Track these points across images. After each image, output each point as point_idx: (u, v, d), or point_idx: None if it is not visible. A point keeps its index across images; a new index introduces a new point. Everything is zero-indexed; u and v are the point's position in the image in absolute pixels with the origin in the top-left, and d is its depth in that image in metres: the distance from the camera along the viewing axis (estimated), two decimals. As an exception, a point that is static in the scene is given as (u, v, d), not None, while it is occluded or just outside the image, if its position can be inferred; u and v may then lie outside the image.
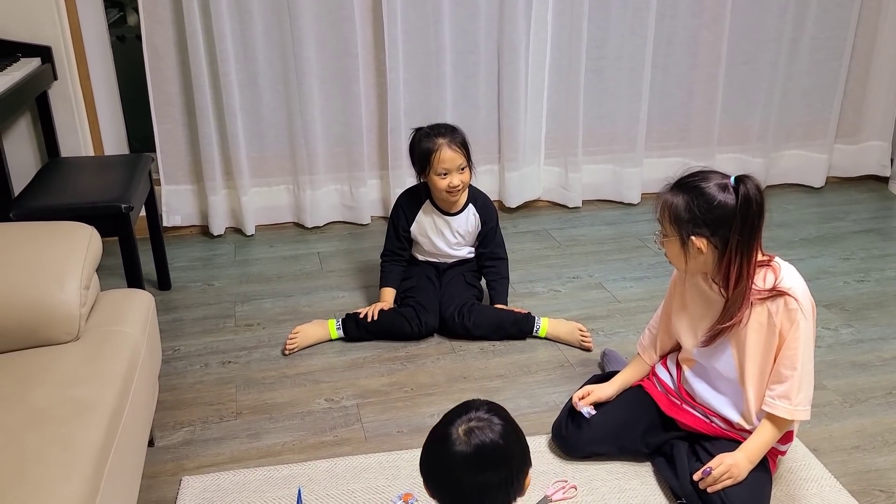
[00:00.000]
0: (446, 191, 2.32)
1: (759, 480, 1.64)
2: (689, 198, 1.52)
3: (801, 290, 1.58)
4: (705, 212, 1.50)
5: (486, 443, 1.23)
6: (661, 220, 1.59)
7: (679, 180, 1.58)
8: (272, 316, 2.55)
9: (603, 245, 3.04)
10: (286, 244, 3.09)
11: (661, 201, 1.57)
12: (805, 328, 1.56)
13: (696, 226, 1.52)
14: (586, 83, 3.19)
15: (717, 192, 1.51)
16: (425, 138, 2.31)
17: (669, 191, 1.57)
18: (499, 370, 2.24)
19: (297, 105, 3.00)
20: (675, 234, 1.56)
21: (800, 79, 3.37)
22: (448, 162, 2.29)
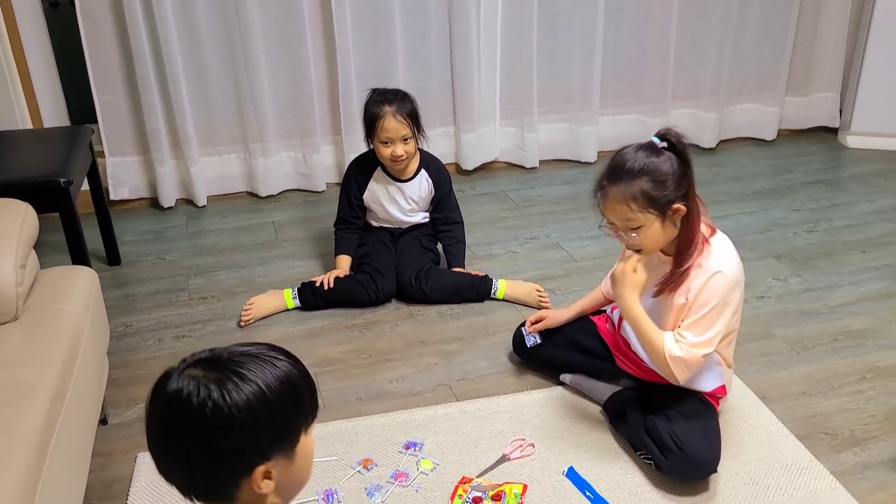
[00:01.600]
0: (389, 159, 2.29)
1: (707, 421, 1.69)
2: (646, 177, 1.51)
3: (720, 264, 1.58)
4: (666, 177, 1.52)
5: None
6: (630, 213, 1.53)
7: (619, 172, 1.53)
8: (227, 288, 2.51)
9: (560, 205, 3.04)
10: (240, 214, 3.04)
11: (624, 197, 1.52)
12: (717, 307, 1.57)
13: (669, 194, 1.52)
14: (539, 42, 3.16)
15: (656, 158, 1.52)
16: (373, 103, 2.28)
17: (620, 185, 1.52)
18: (457, 333, 2.24)
19: (244, 71, 2.92)
20: (654, 216, 1.54)
21: (750, 32, 3.38)
22: (391, 131, 2.25)
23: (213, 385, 0.89)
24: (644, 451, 1.71)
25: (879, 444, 1.77)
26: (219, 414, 0.88)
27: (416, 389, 2.02)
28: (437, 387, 2.02)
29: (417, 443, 1.81)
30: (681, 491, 1.65)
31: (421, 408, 1.93)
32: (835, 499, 1.61)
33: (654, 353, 1.64)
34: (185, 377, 0.91)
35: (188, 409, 0.89)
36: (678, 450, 1.62)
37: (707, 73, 3.39)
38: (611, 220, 1.60)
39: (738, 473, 1.69)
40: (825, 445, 1.77)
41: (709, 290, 1.58)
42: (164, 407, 0.92)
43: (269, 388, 0.91)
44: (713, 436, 1.68)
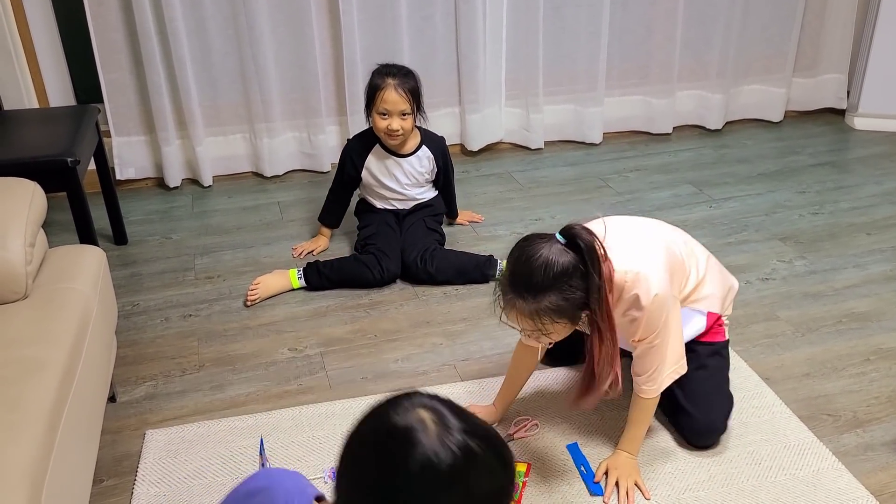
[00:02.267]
0: (384, 132, 2.30)
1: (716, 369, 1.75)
2: (553, 292, 1.38)
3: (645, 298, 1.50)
4: (574, 290, 1.40)
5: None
6: (539, 325, 1.42)
7: (525, 286, 1.40)
8: (233, 268, 2.52)
9: (565, 186, 3.04)
10: (245, 194, 3.04)
11: (531, 312, 1.40)
12: (663, 316, 1.52)
13: (577, 302, 1.41)
14: (545, 22, 3.14)
15: (562, 265, 1.38)
16: (377, 75, 2.30)
17: (526, 300, 1.39)
18: (462, 314, 2.25)
19: (249, 50, 2.91)
20: (562, 324, 1.43)
21: (758, 13, 3.35)
22: (390, 104, 2.26)
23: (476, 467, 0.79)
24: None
25: (882, 426, 1.78)
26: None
27: (420, 369, 2.03)
28: (442, 367, 2.04)
29: (423, 422, 1.82)
30: (684, 471, 1.66)
31: (426, 387, 1.93)
32: (837, 479, 1.63)
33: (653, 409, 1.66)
34: (445, 442, 0.79)
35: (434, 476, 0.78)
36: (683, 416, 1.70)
37: (714, 53, 3.37)
38: (516, 325, 1.47)
39: (741, 454, 1.70)
40: (828, 427, 1.78)
41: (649, 323, 1.51)
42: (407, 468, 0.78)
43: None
44: (723, 383, 1.73)
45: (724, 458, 1.69)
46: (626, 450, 1.66)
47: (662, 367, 1.57)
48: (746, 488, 1.61)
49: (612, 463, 1.65)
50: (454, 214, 2.68)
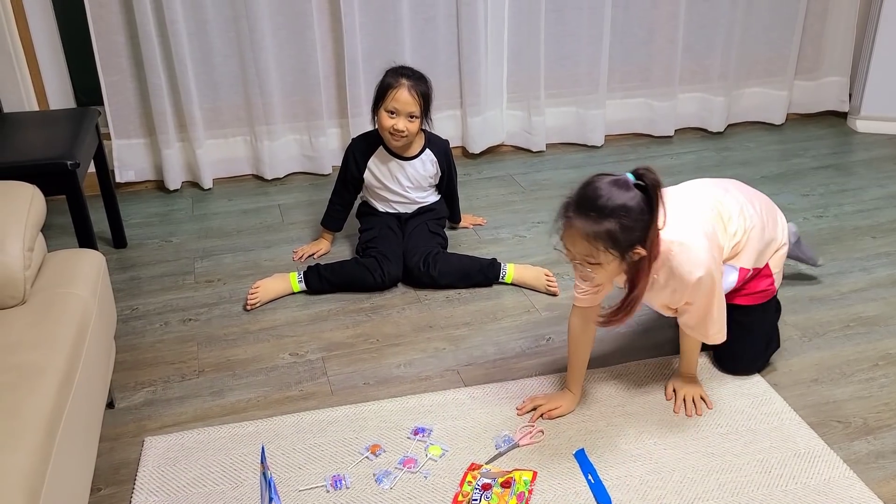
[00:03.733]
0: (389, 131, 2.28)
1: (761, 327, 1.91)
2: (615, 219, 1.46)
3: (695, 271, 1.60)
4: (634, 222, 1.47)
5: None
6: (592, 250, 1.49)
7: (589, 206, 1.47)
8: (233, 271, 2.50)
9: (568, 189, 2.97)
10: (245, 197, 3.02)
11: (588, 234, 1.47)
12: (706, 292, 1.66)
13: (633, 238, 1.49)
14: (547, 24, 3.13)
15: (627, 198, 1.46)
16: (392, 74, 2.28)
17: (588, 221, 1.47)
18: (465, 318, 2.23)
19: (250, 53, 2.89)
20: (612, 256, 1.50)
21: (759, 15, 3.33)
22: (401, 103, 2.24)
23: None
24: None
25: (893, 433, 1.76)
26: None
27: (424, 374, 2.01)
28: (446, 372, 2.01)
29: (426, 428, 1.80)
30: (693, 479, 1.64)
31: (429, 393, 1.92)
32: (848, 488, 1.60)
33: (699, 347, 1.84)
34: None
35: None
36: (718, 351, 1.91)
37: (715, 56, 3.36)
38: (570, 253, 1.55)
39: (750, 462, 1.68)
40: (838, 433, 1.76)
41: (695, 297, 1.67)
42: None
43: None
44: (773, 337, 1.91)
45: (733, 465, 1.67)
46: (685, 371, 1.86)
47: (706, 324, 1.73)
48: (757, 497, 1.59)
49: (676, 383, 1.87)
50: (457, 218, 2.66)
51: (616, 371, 1.97)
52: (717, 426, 1.78)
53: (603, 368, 1.98)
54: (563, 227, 1.53)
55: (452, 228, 2.68)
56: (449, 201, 2.59)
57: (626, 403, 1.86)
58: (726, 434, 1.76)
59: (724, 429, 1.77)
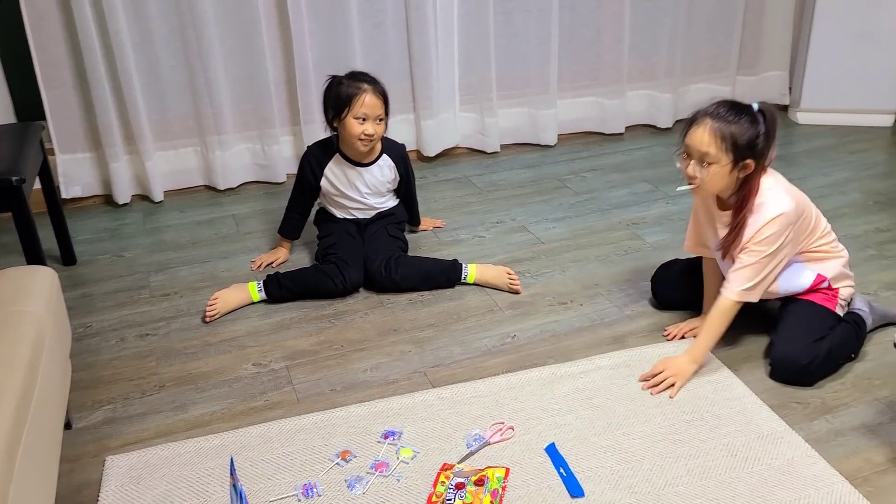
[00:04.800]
0: (359, 138, 2.26)
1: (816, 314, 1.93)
2: (743, 126, 1.73)
3: (774, 210, 1.78)
4: (753, 138, 1.74)
5: None
6: (713, 147, 1.74)
7: (723, 111, 1.75)
8: (189, 283, 2.45)
9: (524, 188, 3.04)
10: (199, 208, 2.96)
11: (715, 130, 1.73)
12: (776, 237, 1.80)
13: (749, 150, 1.74)
14: (496, 27, 3.15)
15: (755, 121, 1.75)
16: (348, 81, 2.26)
17: (719, 120, 1.74)
18: (429, 320, 2.22)
19: (198, 62, 2.85)
20: (727, 159, 1.75)
21: (701, 13, 3.42)
22: (370, 108, 2.23)
23: None
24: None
25: (850, 411, 1.81)
26: None
27: (390, 378, 1.99)
28: (413, 374, 2.01)
29: (396, 431, 1.79)
30: (662, 466, 1.66)
31: (397, 396, 1.91)
32: (811, 466, 1.64)
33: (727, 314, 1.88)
34: None
35: None
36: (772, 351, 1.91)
37: (661, 54, 3.43)
38: (689, 149, 1.78)
39: (716, 446, 1.71)
40: (798, 414, 1.81)
41: (761, 232, 1.79)
42: None
43: None
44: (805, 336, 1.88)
45: (700, 451, 1.69)
46: (690, 352, 1.89)
47: (744, 271, 1.82)
48: (724, 480, 1.62)
49: (669, 360, 1.90)
50: (416, 221, 2.66)
51: (582, 365, 1.99)
52: (682, 413, 1.81)
53: (569, 362, 2.00)
54: (692, 125, 1.78)
55: (412, 232, 2.68)
56: (408, 205, 2.58)
57: (594, 396, 1.88)
58: (692, 420, 1.79)
59: (690, 415, 1.81)
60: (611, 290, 2.33)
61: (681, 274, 2.19)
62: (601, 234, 2.66)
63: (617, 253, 2.54)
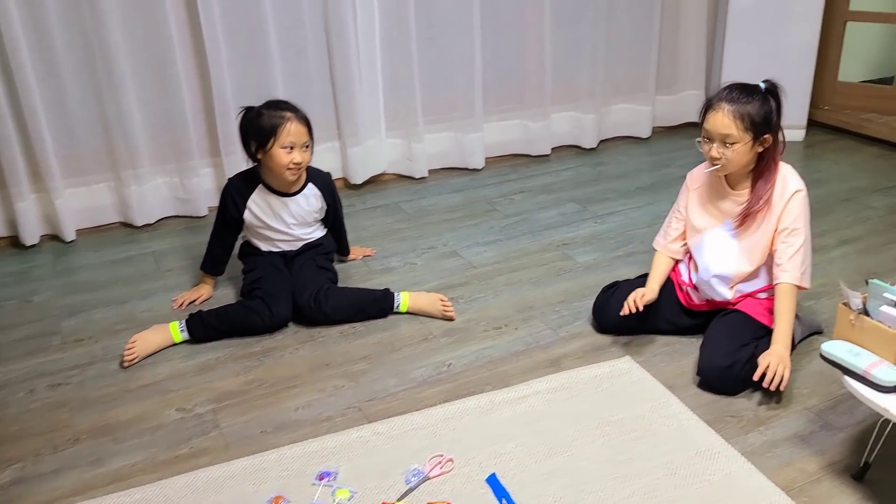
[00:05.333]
0: (288, 167, 2.19)
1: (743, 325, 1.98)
2: (757, 105, 1.86)
3: (797, 184, 1.93)
4: (768, 114, 1.87)
5: None
6: (733, 129, 1.85)
7: (736, 94, 1.87)
8: (106, 327, 2.31)
9: (454, 213, 3.02)
10: (115, 247, 2.82)
11: (734, 112, 1.85)
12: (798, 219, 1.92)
13: (766, 126, 1.87)
14: (419, 51, 3.14)
15: (766, 99, 1.88)
16: (268, 111, 2.19)
17: (735, 103, 1.86)
18: (362, 352, 2.16)
19: (109, 94, 2.73)
20: (748, 137, 1.87)
21: (619, 35, 3.50)
22: (295, 136, 2.17)
23: None
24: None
25: (781, 421, 1.83)
26: None
27: (324, 415, 1.92)
28: (347, 410, 1.93)
29: (331, 472, 1.71)
30: (605, 489, 1.64)
31: (331, 434, 1.84)
32: (749, 479, 1.65)
33: (795, 297, 1.93)
34: None
35: None
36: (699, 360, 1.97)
37: (583, 75, 3.49)
38: (709, 133, 1.90)
39: (657, 465, 1.70)
40: (733, 428, 1.82)
41: (792, 208, 1.92)
42: None
43: None
44: (728, 343, 1.93)
45: (643, 470, 1.68)
46: (778, 341, 1.88)
47: (797, 257, 1.91)
48: (668, 499, 1.60)
49: (767, 355, 1.85)
50: (345, 251, 2.60)
51: (520, 390, 1.96)
52: (622, 433, 1.80)
53: (507, 388, 1.97)
54: (709, 111, 1.89)
55: (342, 261, 2.61)
56: (336, 234, 2.52)
57: (534, 421, 1.85)
58: (633, 440, 1.77)
59: (630, 435, 1.79)
60: (544, 313, 2.31)
61: (622, 300, 2.14)
62: (532, 256, 2.66)
63: (549, 274, 2.53)
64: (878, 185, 3.14)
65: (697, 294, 2.12)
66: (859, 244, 2.66)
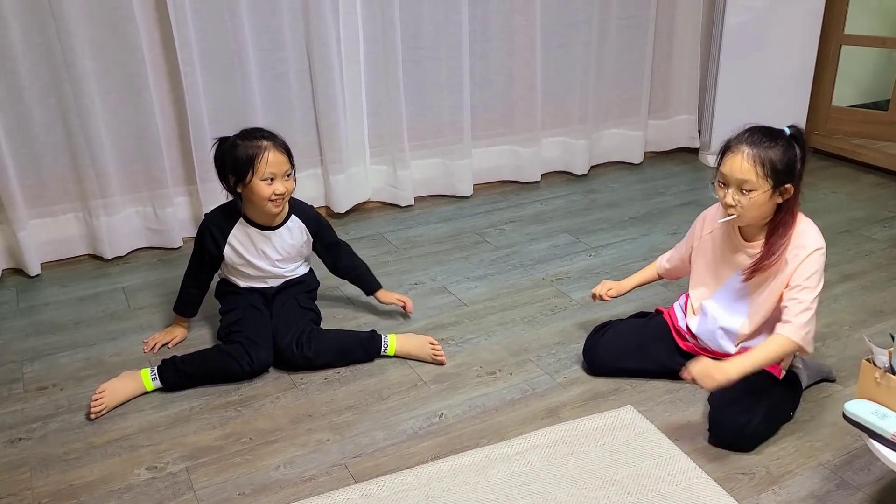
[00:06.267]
0: (269, 199, 2.05)
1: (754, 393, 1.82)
2: (780, 151, 1.71)
3: (817, 242, 1.78)
4: (792, 162, 1.73)
5: None
6: (752, 175, 1.70)
7: (759, 135, 1.73)
8: (71, 373, 2.15)
9: (442, 244, 2.90)
10: (82, 282, 2.66)
11: (754, 157, 1.70)
12: (813, 277, 1.77)
13: (788, 175, 1.73)
14: (405, 75, 3.03)
15: (791, 145, 1.73)
16: (243, 142, 2.04)
17: (755, 146, 1.71)
18: (348, 401, 2.02)
19: (77, 120, 2.58)
20: (768, 185, 1.72)
21: (611, 59, 3.41)
22: (275, 165, 2.03)
23: None
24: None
25: (796, 479, 1.72)
26: None
27: (307, 474, 1.78)
28: (332, 468, 1.79)
29: (316, 542, 1.57)
30: (612, 561, 1.52)
31: (315, 497, 1.70)
32: (768, 549, 1.54)
33: (785, 353, 1.79)
34: None
35: None
36: (710, 415, 1.85)
37: (574, 100, 3.39)
38: (726, 178, 1.75)
39: (668, 533, 1.58)
40: (745, 487, 1.70)
41: (808, 267, 1.76)
42: None
43: None
44: (742, 397, 1.79)
45: (650, 539, 1.56)
46: (733, 364, 1.72)
47: (804, 315, 1.75)
48: (681, 574, 1.49)
49: (700, 361, 1.72)
50: (375, 286, 2.38)
51: (517, 445, 1.83)
52: (626, 494, 1.68)
53: (503, 442, 1.84)
54: (727, 153, 1.75)
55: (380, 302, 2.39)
56: (353, 273, 2.35)
57: (531, 481, 1.73)
58: (637, 502, 1.65)
59: (635, 496, 1.67)
60: (540, 356, 2.19)
61: (613, 341, 2.07)
62: (525, 293, 2.54)
63: (543, 313, 2.42)
64: (878, 215, 3.07)
65: (696, 343, 2.01)
66: (863, 279, 2.57)
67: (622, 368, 2.05)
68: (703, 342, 1.99)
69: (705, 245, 1.99)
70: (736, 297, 1.91)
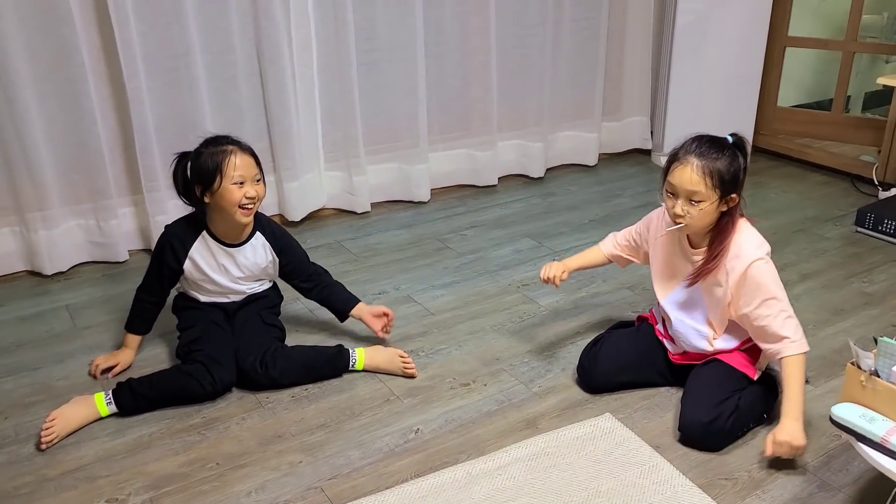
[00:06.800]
0: (240, 206, 1.94)
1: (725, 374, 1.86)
2: (727, 162, 1.71)
3: (754, 252, 1.77)
4: (737, 172, 1.73)
5: None
6: (701, 186, 1.70)
7: (705, 148, 1.72)
8: (16, 400, 2.00)
9: (404, 251, 2.83)
10: (21, 300, 2.49)
11: (703, 168, 1.70)
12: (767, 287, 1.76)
13: (734, 185, 1.73)
14: (360, 79, 2.95)
15: (736, 154, 1.74)
16: (207, 150, 1.94)
17: (704, 158, 1.70)
18: (318, 419, 1.94)
19: (11, 128, 2.41)
20: (715, 195, 1.72)
21: (565, 61, 3.41)
22: (243, 168, 1.94)
23: None
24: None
25: (778, 482, 1.73)
26: None
27: (281, 499, 1.69)
28: (307, 491, 1.71)
29: (297, 574, 1.49)
30: (606, 576, 1.48)
31: (293, 525, 1.62)
32: (760, 556, 1.53)
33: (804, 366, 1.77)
34: None
35: None
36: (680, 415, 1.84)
37: (530, 102, 3.37)
38: (674, 188, 1.75)
39: (660, 544, 1.56)
40: (728, 493, 1.70)
41: (755, 280, 1.76)
42: None
43: None
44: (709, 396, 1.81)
45: (642, 551, 1.54)
46: (790, 414, 1.72)
47: (789, 322, 1.76)
48: (677, 587, 1.46)
49: (777, 433, 1.71)
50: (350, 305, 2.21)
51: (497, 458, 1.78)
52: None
53: (483, 457, 1.79)
54: (675, 164, 1.74)
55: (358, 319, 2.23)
56: (324, 292, 2.21)
57: (515, 496, 1.68)
58: (627, 514, 1.63)
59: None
60: (513, 364, 2.15)
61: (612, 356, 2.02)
62: (493, 300, 2.49)
63: (512, 320, 2.38)
64: (828, 214, 3.15)
65: (674, 346, 2.01)
66: (821, 278, 2.63)
67: (624, 382, 2.02)
68: (680, 344, 1.98)
69: (656, 250, 1.99)
70: (691, 301, 1.92)
